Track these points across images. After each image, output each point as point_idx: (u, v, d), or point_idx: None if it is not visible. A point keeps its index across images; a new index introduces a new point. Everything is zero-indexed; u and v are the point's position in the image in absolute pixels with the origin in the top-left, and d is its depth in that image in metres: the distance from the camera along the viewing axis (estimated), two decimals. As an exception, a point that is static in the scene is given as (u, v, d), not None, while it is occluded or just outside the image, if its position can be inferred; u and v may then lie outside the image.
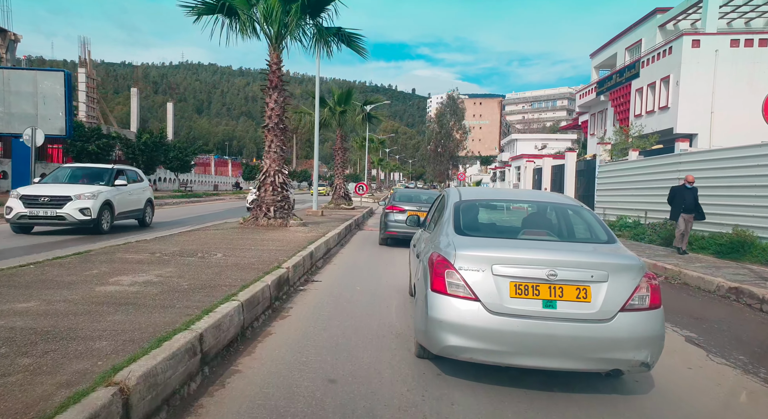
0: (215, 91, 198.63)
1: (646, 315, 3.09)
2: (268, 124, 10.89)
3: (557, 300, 3.05)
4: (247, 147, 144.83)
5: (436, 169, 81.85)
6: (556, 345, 3.01)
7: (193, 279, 5.13)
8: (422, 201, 11.71)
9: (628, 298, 3.07)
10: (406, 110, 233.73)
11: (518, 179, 41.69)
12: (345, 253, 9.74)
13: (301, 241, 8.86)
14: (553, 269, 3.06)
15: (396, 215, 10.78)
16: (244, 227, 10.78)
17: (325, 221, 13.87)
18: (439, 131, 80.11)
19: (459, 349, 3.13)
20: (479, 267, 3.15)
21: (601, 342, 3.01)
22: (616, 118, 30.34)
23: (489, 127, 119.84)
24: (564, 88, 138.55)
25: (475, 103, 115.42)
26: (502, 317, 3.04)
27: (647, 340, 3.06)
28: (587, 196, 27.06)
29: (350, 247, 10.73)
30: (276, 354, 3.77)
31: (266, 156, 11.01)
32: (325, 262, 8.46)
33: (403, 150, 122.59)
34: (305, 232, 10.36)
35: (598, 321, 3.02)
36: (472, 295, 3.11)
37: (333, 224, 12.86)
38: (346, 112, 20.75)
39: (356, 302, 5.59)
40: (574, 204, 4.35)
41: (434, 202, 5.43)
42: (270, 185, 10.91)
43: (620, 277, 3.10)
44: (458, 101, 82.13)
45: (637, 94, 27.32)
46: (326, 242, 9.21)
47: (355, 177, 70.01)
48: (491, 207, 5.14)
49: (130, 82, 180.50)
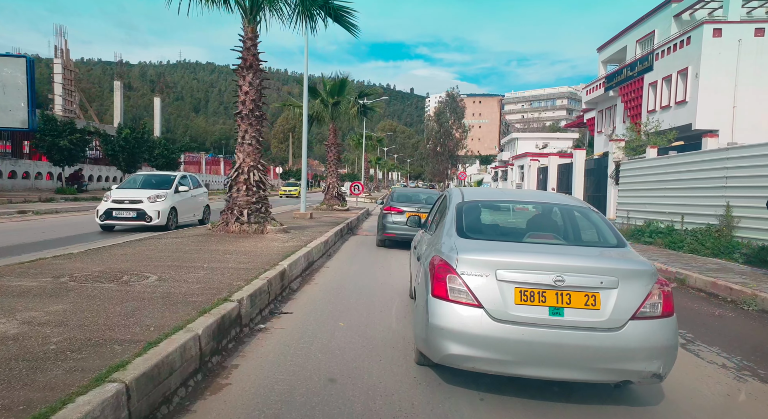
0: (213, 90, 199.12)
1: (659, 324, 2.95)
2: (242, 111, 9.13)
3: (565, 307, 2.93)
4: None
5: (435, 168, 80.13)
6: (563, 355, 2.89)
7: (78, 328, 3.35)
8: (421, 201, 11.20)
9: (640, 305, 2.94)
10: (404, 110, 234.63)
11: (522, 178, 40.00)
12: (331, 267, 7.98)
13: (276, 253, 7.09)
14: (560, 275, 2.94)
15: (394, 217, 10.36)
16: (210, 235, 9.00)
17: (312, 226, 12.10)
18: (438, 129, 78.37)
19: (461, 358, 3.01)
20: (482, 272, 3.03)
21: (611, 351, 2.88)
22: (627, 114, 28.66)
23: (488, 126, 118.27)
24: (564, 88, 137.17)
25: (475, 102, 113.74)
26: (507, 324, 2.93)
27: (660, 350, 2.92)
28: (598, 196, 25.38)
29: (339, 258, 8.98)
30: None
31: (239, 149, 9.25)
32: (303, 281, 6.71)
33: (401, 149, 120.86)
34: (284, 241, 8.60)
35: (607, 329, 2.90)
36: (475, 301, 2.99)
37: (321, 230, 11.09)
38: (339, 104, 18.85)
39: (336, 354, 3.85)
40: (581, 206, 4.21)
41: (435, 202, 5.29)
42: (243, 184, 9.13)
43: (631, 283, 2.98)
44: (458, 99, 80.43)
45: (651, 88, 25.64)
46: (307, 255, 7.46)
47: (352, 177, 68.17)
48: (495, 208, 4.88)
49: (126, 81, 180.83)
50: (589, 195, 26.76)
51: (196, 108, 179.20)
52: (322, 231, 10.69)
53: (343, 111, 18.84)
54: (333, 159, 19.68)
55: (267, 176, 9.92)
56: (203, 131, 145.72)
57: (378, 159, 66.34)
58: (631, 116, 27.97)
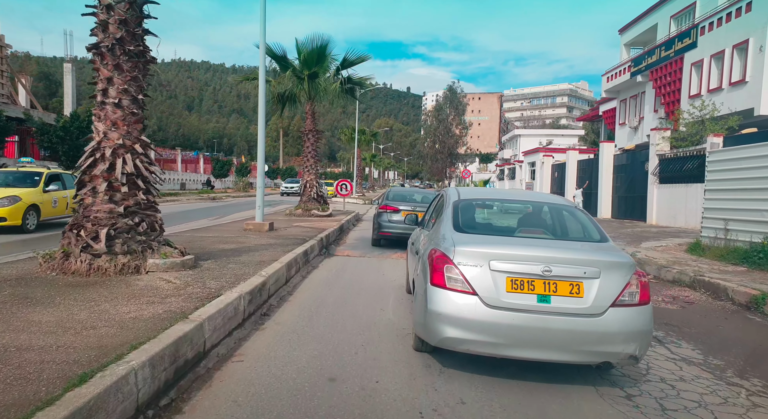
0: (207, 89, 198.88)
1: (636, 311, 3.19)
2: (102, 43, 4.92)
3: (551, 295, 3.15)
4: (238, 145, 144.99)
5: (434, 167, 76.00)
6: (550, 338, 3.11)
7: None
8: (416, 201, 11.19)
9: (619, 294, 3.18)
10: (400, 109, 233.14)
11: (532, 176, 35.88)
12: (252, 361, 3.76)
13: (114, 342, 2.99)
14: (547, 266, 3.16)
15: (390, 215, 10.35)
16: (30, 279, 4.74)
17: (258, 248, 7.84)
18: (437, 126, 74.28)
19: (457, 341, 3.23)
20: (477, 263, 3.24)
21: (593, 335, 3.12)
22: (661, 101, 24.55)
23: (488, 123, 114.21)
24: (564, 85, 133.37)
25: (474, 98, 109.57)
26: (499, 310, 3.14)
27: (636, 334, 3.16)
28: (632, 197, 21.21)
29: (281, 323, 4.74)
30: None
31: (98, 115, 5.02)
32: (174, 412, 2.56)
33: (398, 148, 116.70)
34: (164, 294, 4.40)
35: (590, 315, 3.13)
36: (470, 289, 3.21)
37: (267, 256, 6.91)
38: (317, 76, 14.43)
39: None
40: (568, 205, 4.44)
41: (432, 201, 5.52)
42: (103, 181, 4.92)
43: (612, 274, 3.21)
44: (459, 94, 76.30)
45: (694, 69, 21.55)
46: (192, 339, 3.28)
47: (347, 176, 63.06)
48: (489, 207, 5.23)
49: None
50: (620, 196, 22.60)
51: (189, 107, 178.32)
52: (267, 259, 6.51)
53: (323, 88, 14.55)
54: (311, 150, 15.22)
55: (156, 166, 5.68)
56: (196, 129, 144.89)
57: (373, 156, 61.99)
58: (666, 103, 23.88)
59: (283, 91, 14.83)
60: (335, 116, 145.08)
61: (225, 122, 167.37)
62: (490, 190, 6.92)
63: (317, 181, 15.21)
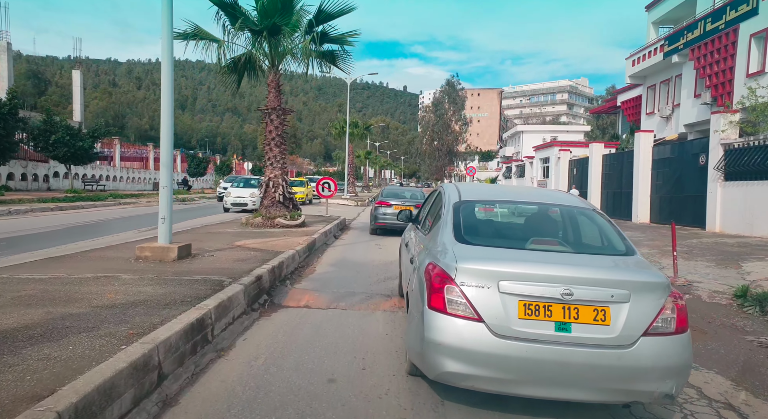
0: (201, 88, 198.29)
1: (672, 340, 2.69)
2: None
3: (572, 323, 2.67)
4: (231, 144, 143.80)
5: (432, 165, 72.11)
6: (569, 374, 2.65)
7: None
8: (406, 197, 13.36)
9: (652, 321, 2.67)
10: (397, 108, 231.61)
11: (545, 174, 31.96)
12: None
13: None
14: (568, 287, 2.68)
15: (384, 209, 12.31)
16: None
17: (102, 318, 3.86)
18: (436, 122, 70.35)
19: (459, 376, 2.75)
20: (484, 283, 2.75)
21: (621, 370, 2.63)
22: (705, 83, 20.64)
23: (488, 120, 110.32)
24: (564, 81, 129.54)
25: (473, 94, 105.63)
26: (509, 341, 2.67)
27: (673, 369, 2.66)
28: (680, 198, 17.17)
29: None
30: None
31: None
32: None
33: (394, 146, 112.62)
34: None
35: (617, 346, 2.64)
36: (475, 315, 2.73)
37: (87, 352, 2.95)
38: (280, 32, 10.10)
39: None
40: (585, 207, 3.85)
41: (428, 198, 5.19)
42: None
43: (644, 297, 2.71)
44: (458, 89, 72.36)
45: (754, 41, 17.67)
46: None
47: (342, 176, 58.24)
48: (494, 208, 4.78)
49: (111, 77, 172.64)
50: (661, 197, 18.61)
51: (182, 106, 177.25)
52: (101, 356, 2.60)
53: (289, 49, 10.47)
54: (275, 135, 10.78)
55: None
56: (189, 128, 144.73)
57: (368, 153, 57.87)
58: (714, 85, 19.94)
59: (238, 56, 10.83)
60: (331, 115, 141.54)
61: (219, 120, 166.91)
62: (495, 188, 5.23)
63: (284, 178, 11.03)
